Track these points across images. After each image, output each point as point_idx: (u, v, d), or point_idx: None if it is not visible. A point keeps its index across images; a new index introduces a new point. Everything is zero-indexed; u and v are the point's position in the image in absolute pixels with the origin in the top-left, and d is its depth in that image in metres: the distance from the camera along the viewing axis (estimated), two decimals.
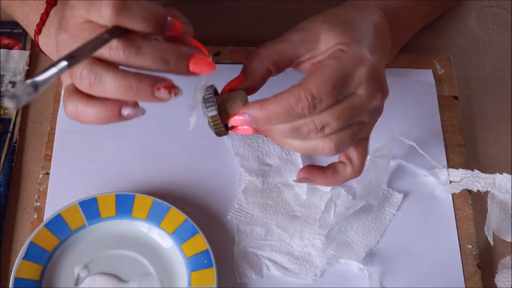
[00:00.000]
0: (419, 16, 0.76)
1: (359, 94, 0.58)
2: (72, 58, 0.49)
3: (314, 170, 0.64)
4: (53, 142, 0.77)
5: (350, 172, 0.63)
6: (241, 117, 0.57)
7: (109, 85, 0.51)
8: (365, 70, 0.57)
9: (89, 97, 0.53)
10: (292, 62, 0.60)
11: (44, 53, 0.70)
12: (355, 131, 0.59)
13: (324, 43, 0.59)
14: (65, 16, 0.53)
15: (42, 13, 0.67)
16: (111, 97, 0.53)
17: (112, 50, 0.51)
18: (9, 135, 0.77)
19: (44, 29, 0.67)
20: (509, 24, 0.91)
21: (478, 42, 0.90)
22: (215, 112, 0.58)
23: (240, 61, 0.83)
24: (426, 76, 0.84)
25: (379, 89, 0.59)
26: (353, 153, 0.63)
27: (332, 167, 0.64)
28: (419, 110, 0.82)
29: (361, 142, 0.62)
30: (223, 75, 0.83)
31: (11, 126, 0.77)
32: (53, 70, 0.49)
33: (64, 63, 0.49)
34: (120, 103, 0.53)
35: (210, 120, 0.59)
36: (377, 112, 0.60)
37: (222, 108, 0.58)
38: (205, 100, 0.58)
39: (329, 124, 0.57)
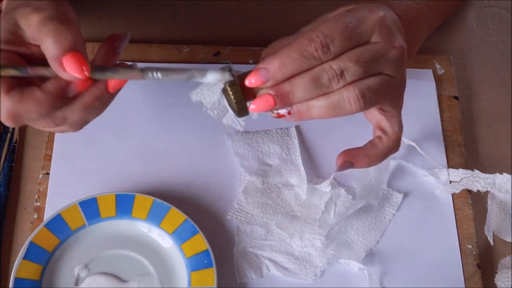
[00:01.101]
0: (431, 17, 0.75)
1: (374, 41, 0.57)
2: None
3: (353, 151, 0.61)
4: (53, 142, 0.77)
5: (388, 143, 0.61)
6: (256, 73, 0.54)
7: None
8: (375, 17, 0.57)
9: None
10: None
11: None
12: (379, 82, 0.57)
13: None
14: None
15: None
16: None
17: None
18: (9, 135, 0.77)
19: None
20: (509, 24, 0.91)
21: (478, 42, 0.90)
22: (231, 78, 0.54)
23: (240, 61, 0.84)
24: (426, 76, 0.84)
25: (395, 37, 0.58)
26: (385, 123, 0.61)
27: (369, 143, 0.61)
28: (419, 110, 0.82)
29: (392, 112, 0.61)
30: None
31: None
32: None
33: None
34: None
35: (230, 90, 0.55)
36: (398, 66, 0.58)
37: (240, 82, 0.55)
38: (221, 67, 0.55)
39: (348, 68, 0.55)
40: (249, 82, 0.55)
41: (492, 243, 0.72)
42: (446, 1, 0.81)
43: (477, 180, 0.74)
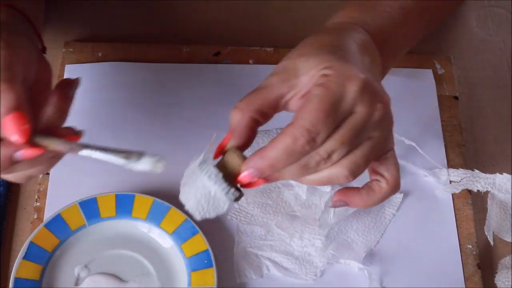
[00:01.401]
0: (409, 32, 0.72)
1: (357, 111, 0.55)
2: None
3: (349, 192, 0.60)
4: None
5: (386, 188, 0.59)
6: (246, 174, 0.55)
7: None
8: (355, 86, 0.54)
9: None
10: (277, 104, 0.57)
11: None
12: (366, 150, 0.56)
13: (305, 76, 0.56)
14: None
15: None
16: None
17: None
18: None
19: None
20: (509, 24, 0.91)
21: (478, 42, 0.90)
22: (224, 185, 0.55)
23: (240, 61, 0.84)
24: (426, 76, 0.84)
25: (377, 99, 0.56)
26: (381, 168, 0.59)
27: (366, 186, 0.60)
28: (419, 110, 0.82)
29: (386, 155, 0.59)
30: (223, 75, 0.83)
31: None
32: None
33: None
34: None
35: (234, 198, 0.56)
36: (384, 122, 0.57)
37: (225, 174, 0.55)
38: (209, 178, 0.56)
39: (334, 151, 0.54)
40: (242, 180, 0.55)
41: (492, 243, 0.72)
42: (425, 15, 0.78)
43: (477, 180, 0.74)
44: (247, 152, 0.81)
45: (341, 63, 0.55)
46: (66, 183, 0.74)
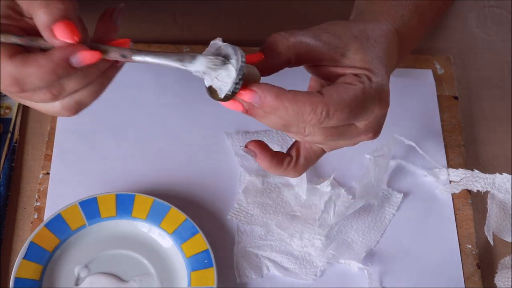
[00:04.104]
0: (421, 30, 0.74)
1: (357, 126, 0.57)
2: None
3: (264, 148, 0.60)
4: (53, 142, 0.77)
5: (291, 167, 0.61)
6: (251, 94, 0.54)
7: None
8: (378, 111, 0.57)
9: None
10: (314, 61, 0.58)
11: None
12: (342, 132, 0.58)
13: (349, 60, 0.57)
14: None
15: None
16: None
17: None
18: (9, 135, 0.77)
19: None
20: (509, 24, 0.91)
21: (478, 42, 0.90)
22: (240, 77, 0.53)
23: None
24: (426, 76, 0.84)
25: (375, 131, 0.59)
26: (296, 150, 0.61)
27: (280, 154, 0.61)
28: (419, 110, 0.82)
29: (316, 149, 0.61)
30: None
31: (11, 126, 0.77)
32: None
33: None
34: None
35: (237, 81, 0.53)
36: (373, 124, 0.60)
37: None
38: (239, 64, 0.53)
39: (315, 136, 0.56)
40: (243, 95, 0.54)
41: (492, 243, 0.72)
42: (436, 12, 0.79)
43: (477, 180, 0.74)
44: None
45: (383, 74, 0.58)
46: (66, 183, 0.74)
